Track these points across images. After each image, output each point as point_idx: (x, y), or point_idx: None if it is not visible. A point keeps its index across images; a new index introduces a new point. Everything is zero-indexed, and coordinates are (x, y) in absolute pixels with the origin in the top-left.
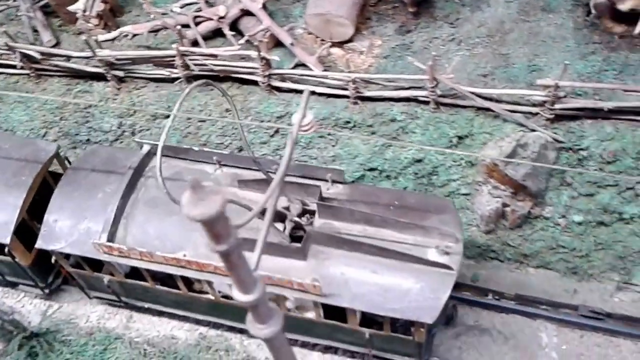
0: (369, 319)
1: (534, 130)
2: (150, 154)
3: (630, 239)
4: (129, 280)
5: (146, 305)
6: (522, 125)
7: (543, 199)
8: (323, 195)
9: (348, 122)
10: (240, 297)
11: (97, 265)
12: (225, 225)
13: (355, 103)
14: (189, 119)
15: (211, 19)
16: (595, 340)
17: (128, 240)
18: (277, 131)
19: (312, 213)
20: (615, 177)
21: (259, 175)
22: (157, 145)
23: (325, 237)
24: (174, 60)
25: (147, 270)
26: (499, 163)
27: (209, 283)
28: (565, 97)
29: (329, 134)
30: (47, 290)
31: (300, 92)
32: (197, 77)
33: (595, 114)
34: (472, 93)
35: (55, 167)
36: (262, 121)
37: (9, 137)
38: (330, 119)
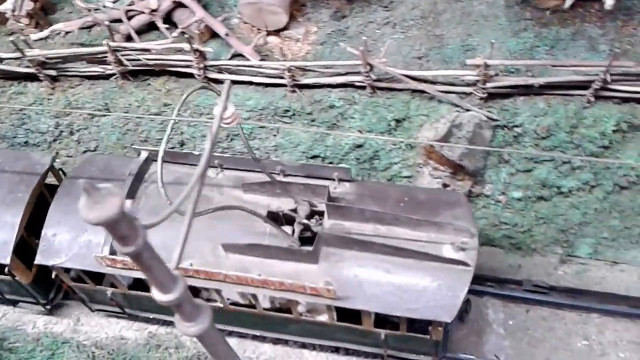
0: (382, 318)
1: (468, 110)
2: (149, 161)
3: (570, 211)
4: (133, 292)
5: (151, 315)
6: (456, 105)
7: (482, 177)
8: (331, 194)
9: (287, 111)
10: (159, 297)
11: (99, 277)
12: (131, 227)
13: (293, 91)
14: (127, 115)
15: (143, 13)
16: (541, 313)
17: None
18: None
19: (321, 214)
20: (550, 154)
21: (263, 177)
22: (155, 151)
23: (336, 238)
24: (106, 57)
25: None
26: (435, 145)
27: (218, 291)
28: (496, 75)
29: (270, 123)
30: (49, 307)
31: (239, 82)
32: (132, 73)
33: (527, 90)
34: (406, 76)
35: (49, 178)
36: (201, 114)
37: (1, 152)
38: (269, 108)
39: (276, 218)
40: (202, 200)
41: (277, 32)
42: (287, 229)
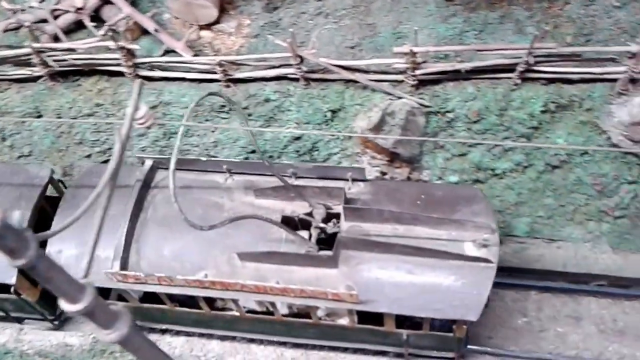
0: (401, 318)
1: (400, 98)
2: (154, 169)
3: (506, 192)
4: (145, 305)
5: (164, 326)
6: (389, 93)
7: (419, 163)
8: (346, 196)
9: (223, 106)
10: (67, 307)
11: (106, 291)
12: (19, 239)
13: (228, 86)
14: (59, 117)
15: (69, 11)
16: None
17: (142, 265)
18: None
19: (337, 216)
20: (480, 138)
21: (275, 181)
22: (160, 159)
23: (355, 241)
24: (30, 59)
25: (167, 294)
26: (369, 134)
27: (235, 301)
28: (424, 62)
29: (207, 120)
30: (56, 322)
31: (172, 79)
32: (61, 74)
33: (456, 76)
34: (338, 66)
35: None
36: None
37: (2, 168)
38: (205, 104)
39: (291, 223)
40: (213, 208)
41: (209, 27)
42: (304, 233)
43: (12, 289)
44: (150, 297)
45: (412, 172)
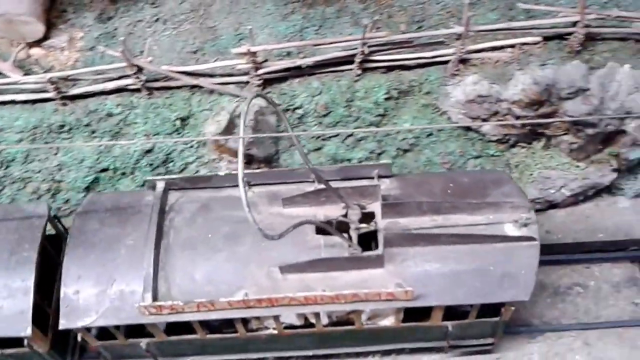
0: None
1: None
2: (167, 191)
3: None
4: (174, 338)
5: (189, 359)
6: (237, 95)
7: (277, 162)
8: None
9: (63, 126)
10: None
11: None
12: None
13: (64, 104)
14: None
15: None
16: None
17: (173, 293)
18: None
19: (371, 215)
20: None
21: (296, 188)
22: (171, 179)
23: (399, 237)
24: None
25: (200, 321)
26: (218, 138)
27: (276, 317)
28: (266, 61)
29: (46, 142)
30: None
31: (1, 103)
32: None
33: (301, 72)
34: (180, 72)
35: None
36: None
37: None
38: (42, 126)
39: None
40: (240, 222)
41: (38, 43)
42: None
43: (25, 342)
44: (172, 329)
45: None
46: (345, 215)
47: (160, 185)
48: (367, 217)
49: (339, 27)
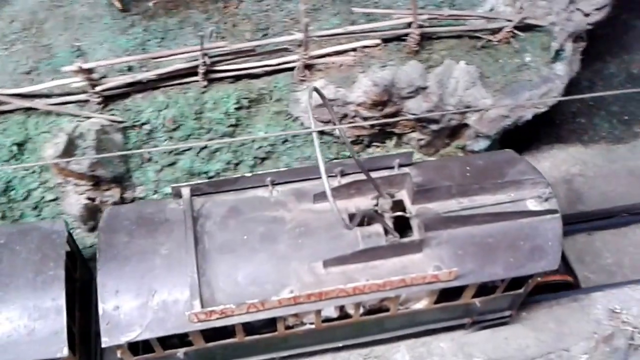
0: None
1: (89, 118)
2: (190, 198)
3: None
4: (213, 343)
5: None
6: (76, 115)
7: (130, 181)
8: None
9: None
10: None
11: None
12: None
13: None
14: None
15: None
16: None
17: (218, 297)
18: None
19: (399, 203)
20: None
21: (320, 184)
22: (196, 184)
23: (435, 221)
24: None
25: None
26: (59, 162)
27: (318, 311)
28: (104, 77)
29: None
30: None
31: None
32: None
33: (144, 86)
34: (10, 95)
35: None
36: None
37: (4, 230)
38: None
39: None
40: (274, 223)
41: None
42: (377, 226)
43: None
44: (208, 335)
45: (124, 191)
46: (376, 205)
47: (186, 191)
48: (397, 205)
49: (183, 38)
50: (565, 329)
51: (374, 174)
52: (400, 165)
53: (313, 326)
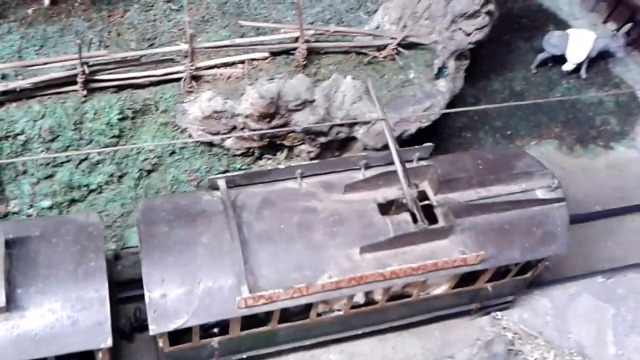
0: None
1: None
2: (223, 190)
3: (110, 205)
4: (246, 332)
5: (244, 355)
6: None
7: (3, 194)
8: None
9: None
10: None
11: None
12: None
13: None
14: None
15: None
16: None
17: (261, 284)
18: None
19: (422, 193)
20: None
21: (345, 176)
22: (231, 176)
23: (460, 209)
24: None
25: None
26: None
27: (350, 297)
28: None
29: None
30: None
31: None
32: None
33: (19, 95)
34: None
35: None
36: None
37: (37, 223)
38: None
39: (388, 207)
40: (308, 212)
41: None
42: (405, 215)
43: (100, 355)
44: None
45: None
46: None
47: (222, 184)
48: (420, 194)
49: (63, 47)
50: (451, 337)
51: (408, 165)
52: (419, 159)
53: (341, 313)
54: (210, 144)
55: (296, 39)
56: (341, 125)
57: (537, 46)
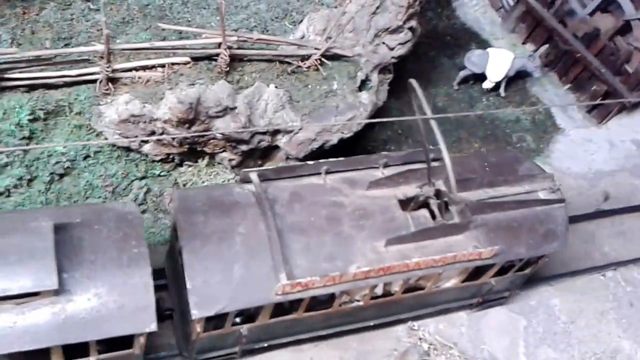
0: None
1: None
2: (256, 183)
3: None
4: (274, 320)
5: (266, 344)
6: None
7: None
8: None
9: None
10: None
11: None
12: None
13: None
14: None
15: None
16: None
17: (296, 272)
18: None
19: (438, 191)
20: None
21: (366, 174)
22: (263, 170)
23: (474, 207)
24: None
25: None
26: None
27: (373, 287)
28: None
29: None
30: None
31: None
32: None
33: None
34: None
35: None
36: None
37: (77, 210)
38: None
39: (407, 203)
40: (335, 207)
41: None
42: (423, 211)
43: (141, 338)
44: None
45: None
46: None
47: (255, 177)
48: (438, 192)
49: None
50: (368, 347)
51: (410, 166)
52: (433, 160)
53: (361, 303)
54: (128, 149)
55: (219, 45)
56: (263, 133)
57: (459, 63)
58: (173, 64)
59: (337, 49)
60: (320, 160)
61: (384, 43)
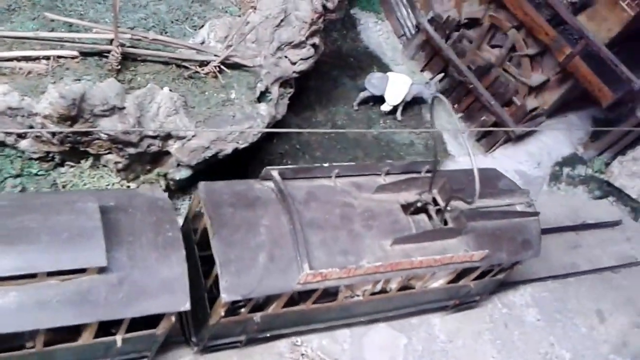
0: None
1: None
2: (278, 180)
3: None
4: (284, 309)
5: (268, 334)
6: None
7: None
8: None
9: None
10: None
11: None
12: None
13: None
14: None
15: None
16: None
17: (314, 264)
18: None
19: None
20: None
21: (372, 179)
22: (283, 169)
23: (466, 214)
24: None
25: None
26: None
27: (375, 282)
28: None
29: None
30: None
31: None
32: None
33: None
34: None
35: None
36: None
37: (109, 194)
38: None
39: (408, 208)
40: (347, 207)
41: None
42: (422, 216)
43: (173, 318)
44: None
45: None
46: (420, 200)
47: (276, 174)
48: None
49: None
50: None
51: (406, 176)
52: (427, 171)
53: (361, 298)
54: (3, 144)
55: (111, 42)
56: (154, 137)
57: (360, 85)
58: (59, 57)
59: (237, 58)
60: (332, 164)
61: (286, 57)
